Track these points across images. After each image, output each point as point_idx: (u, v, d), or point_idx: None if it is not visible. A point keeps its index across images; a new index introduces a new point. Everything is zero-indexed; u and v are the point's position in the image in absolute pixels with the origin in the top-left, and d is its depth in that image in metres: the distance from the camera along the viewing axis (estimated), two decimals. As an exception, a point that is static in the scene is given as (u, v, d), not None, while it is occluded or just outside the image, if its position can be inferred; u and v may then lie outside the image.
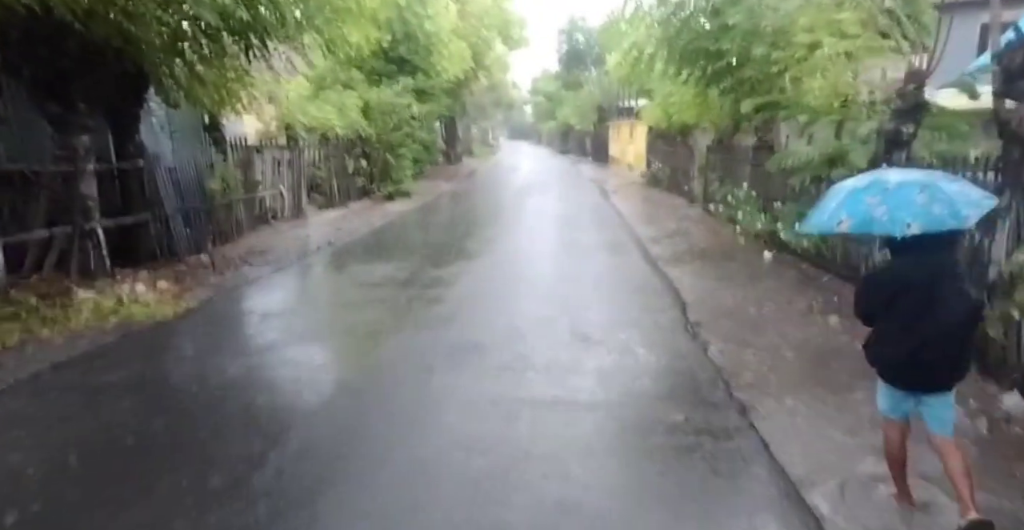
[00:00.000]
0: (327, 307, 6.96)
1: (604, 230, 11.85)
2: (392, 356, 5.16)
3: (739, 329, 5.67)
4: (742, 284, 7.31)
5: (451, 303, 6.63)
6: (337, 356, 5.43)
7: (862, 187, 2.74)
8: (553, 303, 6.55)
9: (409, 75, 21.09)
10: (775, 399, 4.15)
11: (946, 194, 2.62)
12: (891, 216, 2.60)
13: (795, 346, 5.22)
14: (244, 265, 9.04)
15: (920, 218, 2.57)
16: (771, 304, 6.50)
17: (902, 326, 2.74)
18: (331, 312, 6.64)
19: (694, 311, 6.25)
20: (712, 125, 13.51)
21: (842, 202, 2.73)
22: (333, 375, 4.83)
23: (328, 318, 6.46)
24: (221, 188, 10.53)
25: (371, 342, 5.49)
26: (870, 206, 2.65)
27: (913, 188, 2.64)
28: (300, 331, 5.79)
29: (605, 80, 31.58)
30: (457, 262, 8.79)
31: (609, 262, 8.95)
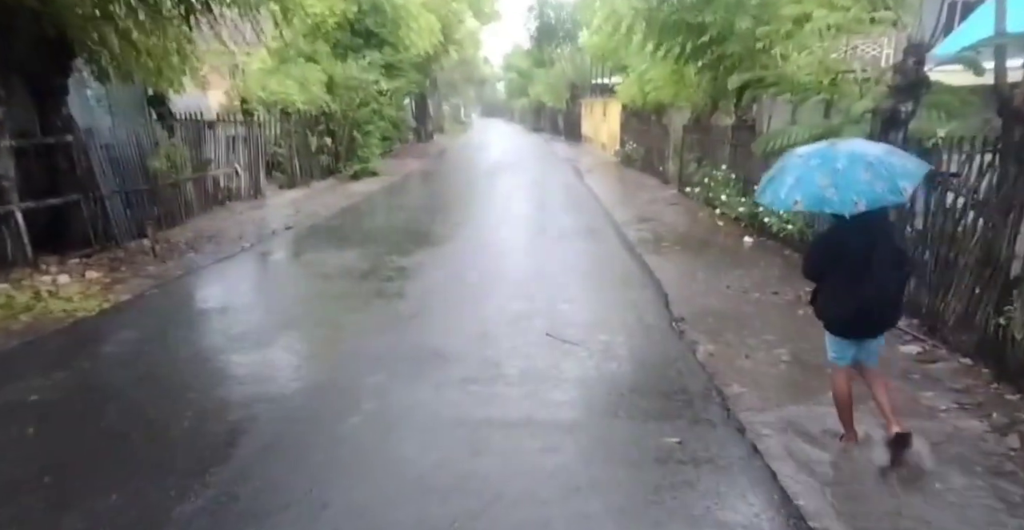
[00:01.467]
0: (275, 304, 6.13)
1: (579, 213, 11.36)
2: (343, 366, 4.50)
3: (727, 326, 5.25)
4: (726, 272, 6.92)
5: (414, 299, 6.06)
6: (277, 368, 4.47)
7: (815, 166, 2.95)
8: (526, 298, 6.04)
9: (376, 49, 20.11)
10: (775, 414, 3.71)
11: (888, 169, 2.88)
12: (840, 197, 2.84)
13: (789, 345, 4.82)
14: (190, 252, 8.32)
15: (865, 196, 2.82)
16: (757, 295, 6.12)
17: (848, 283, 3.04)
18: (278, 311, 5.83)
19: (678, 305, 5.82)
20: (689, 103, 13.04)
21: (796, 184, 2.95)
22: (270, 393, 4.00)
23: (273, 319, 5.58)
24: (166, 167, 9.69)
25: (320, 349, 4.87)
26: (821, 188, 2.88)
27: (859, 166, 2.88)
28: (240, 334, 5.11)
29: (578, 57, 30.83)
30: (423, 249, 8.21)
31: (585, 249, 8.48)
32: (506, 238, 9.20)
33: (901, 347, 4.71)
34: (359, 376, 4.25)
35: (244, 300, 6.08)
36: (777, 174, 3.11)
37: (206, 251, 8.35)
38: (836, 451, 3.31)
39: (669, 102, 14.53)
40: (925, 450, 3.23)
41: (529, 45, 41.75)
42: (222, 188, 11.99)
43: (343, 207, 12.29)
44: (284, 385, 4.15)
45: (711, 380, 4.18)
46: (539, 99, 40.08)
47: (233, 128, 12.51)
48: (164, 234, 9.23)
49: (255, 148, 13.14)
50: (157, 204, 9.56)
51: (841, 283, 3.08)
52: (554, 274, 6.98)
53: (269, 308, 5.79)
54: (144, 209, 9.23)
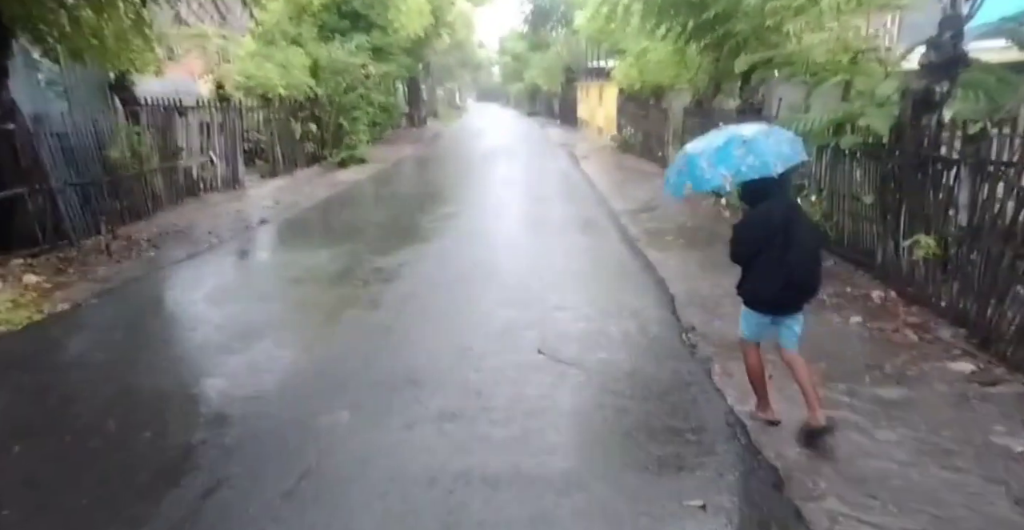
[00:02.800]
0: (230, 318, 5.15)
1: (575, 203, 10.67)
2: (297, 401, 3.70)
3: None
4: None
5: (390, 308, 5.39)
6: (215, 408, 3.65)
7: (722, 145, 3.13)
8: (517, 304, 5.39)
9: (364, 32, 19.21)
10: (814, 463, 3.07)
11: (760, 147, 3.07)
12: (761, 160, 3.03)
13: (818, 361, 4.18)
14: (150, 250, 7.63)
15: (733, 169, 3.05)
16: (773, 299, 5.48)
17: (773, 262, 3.16)
18: (233, 326, 4.92)
19: (686, 311, 5.18)
20: (690, 86, 12.31)
21: (716, 162, 3.09)
22: (197, 450, 3.20)
23: (224, 337, 4.70)
24: (128, 156, 8.95)
25: (272, 378, 4.04)
26: (739, 158, 3.04)
27: (734, 143, 3.09)
28: (177, 358, 4.39)
29: (573, 40, 29.86)
30: (406, 247, 7.53)
31: (582, 244, 7.81)
32: (497, 232, 8.52)
33: (951, 364, 4.08)
34: (315, 414, 3.55)
35: (195, 311, 5.33)
36: (683, 168, 3.25)
37: (169, 249, 7.66)
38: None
39: (668, 85, 13.81)
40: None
41: (524, 28, 40.60)
42: (195, 178, 11.25)
43: (325, 197, 11.58)
44: (219, 433, 3.36)
45: (732, 413, 3.55)
46: (534, 83, 39.11)
47: (208, 114, 11.74)
48: (126, 230, 8.54)
49: (232, 135, 12.37)
50: (118, 197, 8.84)
51: (769, 262, 3.18)
52: (548, 274, 6.32)
53: (223, 323, 5.04)
54: (103, 203, 8.53)
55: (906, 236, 5.29)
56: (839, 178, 6.42)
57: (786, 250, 3.14)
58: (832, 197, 6.52)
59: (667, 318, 5.09)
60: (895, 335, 4.61)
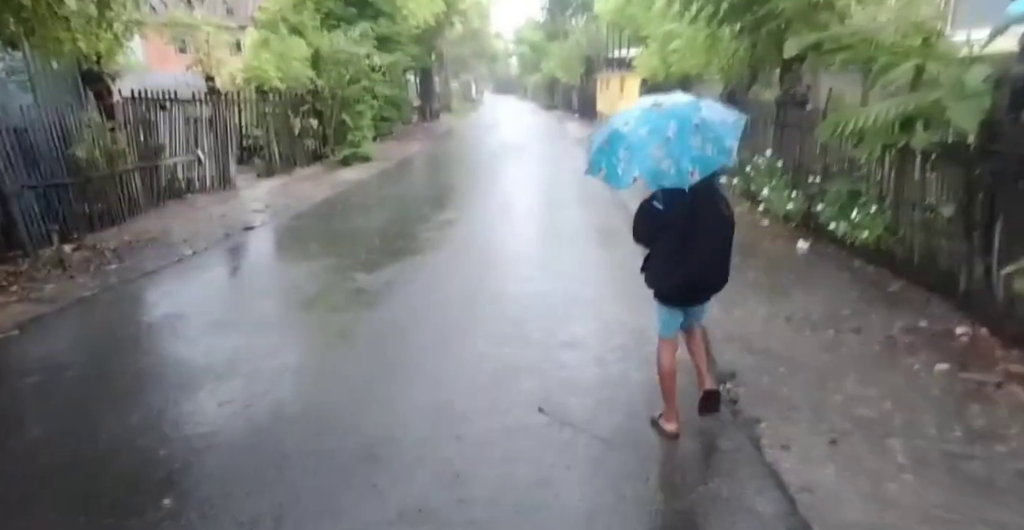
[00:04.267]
0: (167, 358, 4.29)
1: (591, 208, 9.66)
2: (209, 492, 2.77)
3: (800, 390, 3.64)
4: (780, 294, 5.26)
5: (361, 344, 4.44)
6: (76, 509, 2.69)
7: (645, 135, 2.77)
8: (516, 339, 4.44)
9: (371, 20, 18.28)
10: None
11: (714, 129, 2.79)
12: (677, 168, 2.72)
13: (907, 433, 3.18)
14: (114, 262, 6.81)
15: (699, 163, 2.74)
16: (831, 331, 4.46)
17: (677, 248, 2.95)
18: (166, 368, 4.10)
19: (723, 349, 4.19)
20: (721, 75, 11.18)
21: (631, 157, 2.77)
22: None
23: (148, 386, 3.83)
24: (98, 155, 8.15)
25: (192, 454, 3.10)
26: (656, 161, 2.74)
27: (687, 132, 2.75)
28: (83, 416, 3.59)
29: (592, 28, 28.67)
30: (396, 261, 6.60)
31: (598, 260, 6.82)
32: (499, 244, 7.56)
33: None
34: (225, 516, 2.68)
35: (129, 350, 4.36)
36: (604, 145, 2.88)
37: (135, 261, 6.84)
38: None
39: (696, 74, 12.68)
40: None
41: (541, 17, 39.41)
42: (180, 179, 10.46)
43: (321, 200, 10.72)
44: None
45: (796, 514, 2.57)
46: (552, 74, 37.96)
47: (196, 109, 10.92)
48: (95, 237, 7.75)
49: (222, 132, 11.56)
50: (87, 201, 8.05)
51: (671, 249, 2.99)
52: (555, 299, 5.35)
53: (150, 366, 4.13)
54: (69, 208, 7.75)
55: (1001, 259, 4.25)
56: (907, 185, 5.36)
57: (690, 239, 2.92)
58: (898, 207, 5.45)
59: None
60: (999, 392, 3.59)
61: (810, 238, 6.86)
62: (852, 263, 5.97)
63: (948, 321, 4.50)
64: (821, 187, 6.67)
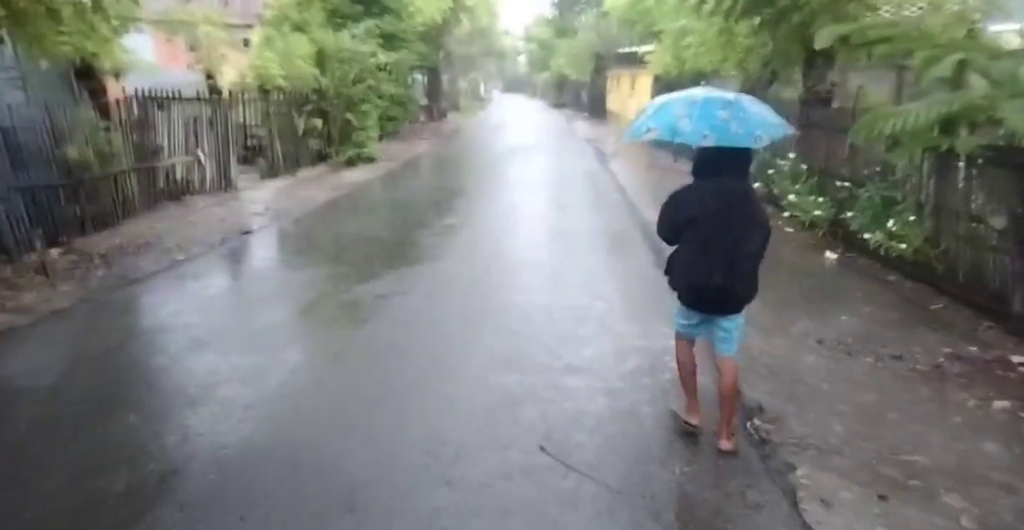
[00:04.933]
0: (140, 378, 3.93)
1: (601, 213, 9.24)
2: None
3: (839, 432, 3.21)
4: (810, 311, 4.83)
5: (350, 367, 4.05)
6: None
7: (675, 98, 2.86)
8: (516, 364, 4.02)
9: (377, 17, 17.93)
10: None
11: (745, 111, 2.75)
12: (692, 127, 2.70)
13: (968, 494, 2.75)
14: (101, 268, 6.49)
15: (717, 132, 2.69)
16: (870, 358, 4.02)
17: (699, 249, 2.86)
18: (139, 390, 3.72)
19: (751, 376, 3.77)
20: (739, 72, 10.72)
21: (653, 114, 2.83)
22: None
23: (119, 410, 3.45)
24: (91, 156, 7.85)
25: (145, 502, 2.71)
26: (676, 117, 2.74)
27: (716, 104, 2.75)
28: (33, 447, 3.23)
29: (603, 24, 28.16)
30: (396, 270, 6.21)
31: (608, 270, 6.41)
32: (507, 251, 7.17)
33: None
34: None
35: (97, 371, 3.96)
36: (654, 113, 2.87)
37: (123, 267, 6.52)
38: None
39: (712, 71, 12.20)
40: None
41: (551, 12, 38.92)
42: (179, 180, 10.16)
43: (322, 203, 10.37)
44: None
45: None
46: (561, 72, 37.48)
47: (196, 108, 10.61)
48: (85, 241, 7.44)
49: (223, 132, 11.25)
50: (78, 203, 7.75)
51: (695, 246, 2.87)
52: (561, 315, 4.95)
53: (122, 391, 3.62)
54: (59, 211, 7.46)
55: (1063, 278, 3.81)
56: (950, 192, 4.91)
57: (716, 242, 2.81)
58: (939, 216, 5.00)
59: (724, 390, 3.69)
60: (1069, 434, 3.15)
61: (838, 248, 6.40)
62: (887, 276, 5.52)
63: (1002, 348, 4.05)
64: (851, 193, 6.21)
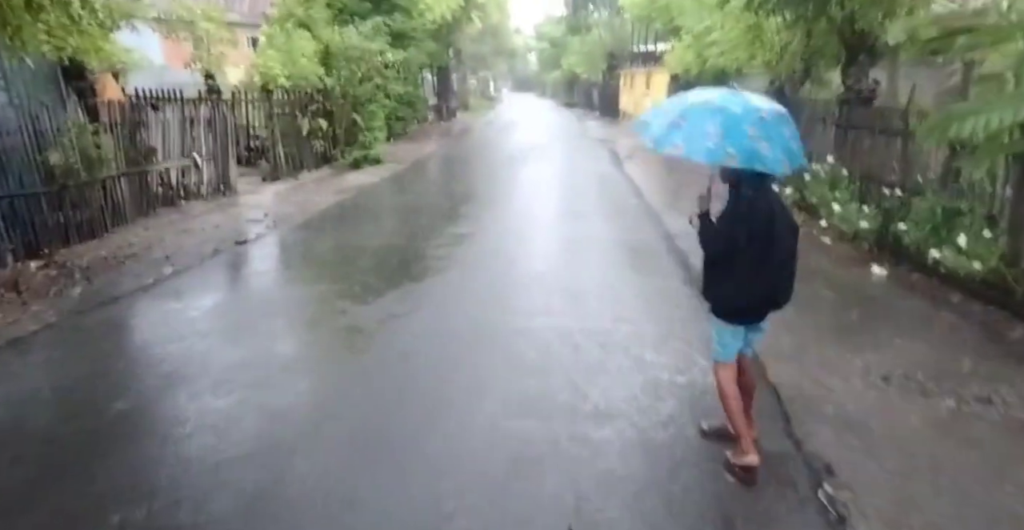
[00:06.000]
0: (90, 429, 3.30)
1: (619, 220, 8.64)
2: None
3: (933, 505, 2.62)
4: (867, 340, 4.23)
5: (344, 411, 3.50)
6: None
7: (739, 114, 2.50)
8: (533, 408, 3.45)
9: (386, 14, 17.44)
10: None
11: (777, 135, 2.56)
12: (773, 153, 2.49)
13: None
14: (81, 283, 6.01)
15: (790, 157, 2.55)
16: (949, 401, 3.42)
17: (758, 262, 2.71)
18: (83, 451, 3.11)
19: (811, 426, 3.19)
20: (767, 70, 10.09)
21: (724, 133, 2.48)
22: None
23: (61, 491, 2.81)
24: (77, 161, 7.38)
25: None
26: (753, 140, 2.48)
27: (782, 123, 2.57)
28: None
29: (616, 21, 27.53)
30: (399, 287, 5.66)
31: (633, 287, 5.82)
32: (520, 265, 6.58)
33: None
34: None
35: (43, 420, 3.38)
36: (683, 121, 2.55)
37: (105, 282, 6.03)
38: None
39: (736, 69, 11.58)
40: None
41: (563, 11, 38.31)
42: (175, 185, 9.69)
43: (324, 208, 9.86)
44: None
45: None
46: (572, 71, 36.85)
47: (191, 108, 10.14)
48: (70, 252, 6.98)
49: (222, 133, 10.77)
50: (62, 212, 7.28)
51: (748, 264, 2.69)
52: (586, 339, 4.37)
53: (66, 442, 3.19)
54: (42, 219, 6.99)
55: None
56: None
57: (767, 253, 2.69)
58: (1019, 233, 4.38)
59: (778, 438, 3.11)
60: None
61: (886, 261, 5.79)
62: (950, 298, 4.90)
63: (1107, 389, 3.44)
64: (903, 201, 5.60)
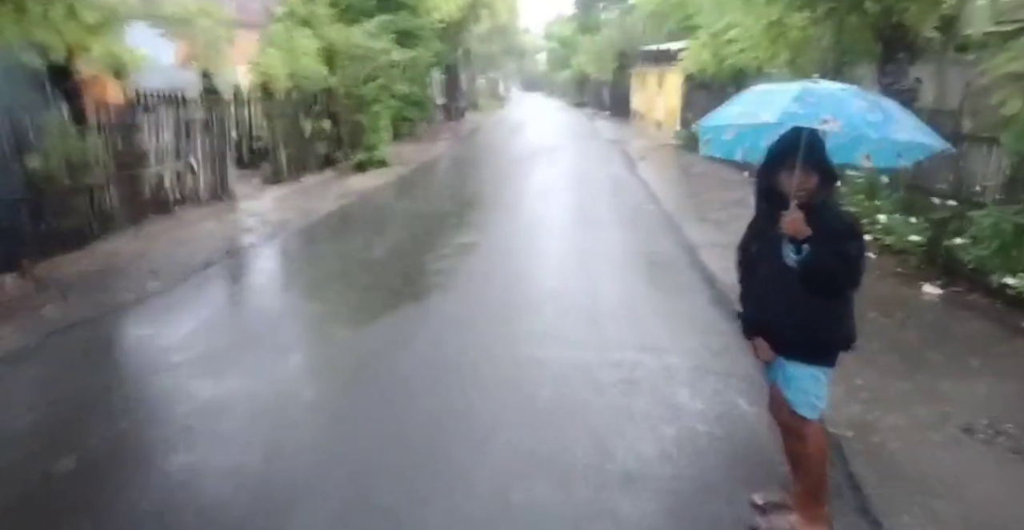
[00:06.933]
0: (24, 494, 2.78)
1: (636, 230, 8.08)
2: None
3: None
4: (934, 379, 3.68)
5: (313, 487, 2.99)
6: None
7: (863, 107, 2.12)
8: (553, 463, 2.93)
9: (392, 13, 16.99)
10: None
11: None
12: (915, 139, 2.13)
13: None
14: (56, 300, 5.54)
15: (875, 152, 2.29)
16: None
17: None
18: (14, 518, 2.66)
19: (889, 492, 2.65)
20: (791, 69, 9.50)
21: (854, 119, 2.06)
22: None
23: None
24: (61, 166, 6.94)
25: None
26: (878, 124, 2.08)
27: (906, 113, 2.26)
28: None
29: (627, 20, 26.94)
30: (397, 309, 5.13)
31: (656, 307, 5.27)
32: (530, 281, 6.04)
33: None
34: None
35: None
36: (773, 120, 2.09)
37: (81, 299, 5.56)
38: None
39: (756, 68, 11.00)
40: None
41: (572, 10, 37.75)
42: (168, 190, 9.24)
43: (324, 214, 9.40)
44: None
45: None
46: (582, 70, 36.29)
47: (187, 110, 9.69)
48: (50, 264, 6.53)
49: (219, 136, 10.34)
50: (44, 220, 6.84)
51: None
52: (607, 374, 3.84)
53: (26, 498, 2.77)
54: (20, 229, 6.55)
55: None
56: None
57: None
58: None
59: (853, 520, 2.57)
60: None
61: (937, 279, 5.21)
62: (1019, 322, 4.32)
63: None
64: (959, 213, 5.03)
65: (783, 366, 2.38)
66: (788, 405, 2.38)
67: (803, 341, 2.31)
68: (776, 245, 2.31)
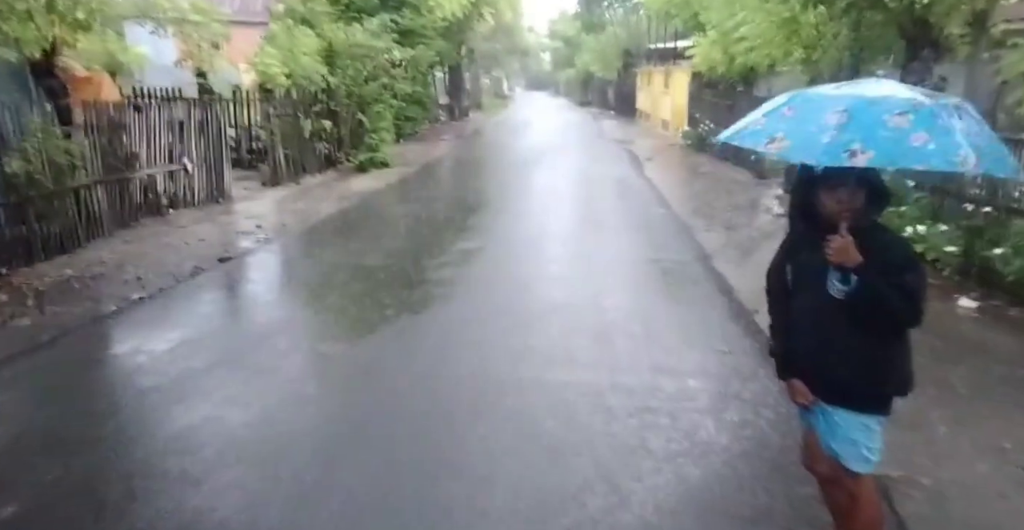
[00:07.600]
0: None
1: (646, 236, 7.73)
2: None
3: None
4: (980, 406, 3.34)
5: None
6: None
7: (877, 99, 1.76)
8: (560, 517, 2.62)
9: (393, 11, 16.68)
10: None
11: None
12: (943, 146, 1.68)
13: None
14: (32, 311, 5.22)
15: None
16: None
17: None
18: None
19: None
20: (806, 68, 9.16)
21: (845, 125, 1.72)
22: None
23: None
24: (43, 168, 6.64)
25: None
26: (963, 132, 1.70)
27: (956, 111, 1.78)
28: None
29: (633, 18, 26.59)
30: (392, 324, 4.79)
31: (671, 322, 4.92)
32: (534, 292, 5.67)
33: None
34: None
35: None
36: (786, 108, 1.90)
37: (59, 310, 5.25)
38: None
39: (768, 66, 10.65)
40: None
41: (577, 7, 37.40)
42: (161, 193, 8.93)
43: (323, 218, 9.07)
44: None
45: None
46: (586, 69, 35.93)
47: (181, 109, 9.39)
48: (30, 271, 6.24)
49: (217, 136, 10.03)
50: (24, 225, 6.53)
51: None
52: (620, 401, 3.50)
53: None
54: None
55: None
56: None
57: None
58: None
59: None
60: None
61: (973, 291, 4.86)
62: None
63: None
64: (996, 221, 4.68)
65: (826, 412, 2.04)
66: (832, 457, 2.04)
67: (853, 387, 1.97)
68: (818, 273, 1.97)
